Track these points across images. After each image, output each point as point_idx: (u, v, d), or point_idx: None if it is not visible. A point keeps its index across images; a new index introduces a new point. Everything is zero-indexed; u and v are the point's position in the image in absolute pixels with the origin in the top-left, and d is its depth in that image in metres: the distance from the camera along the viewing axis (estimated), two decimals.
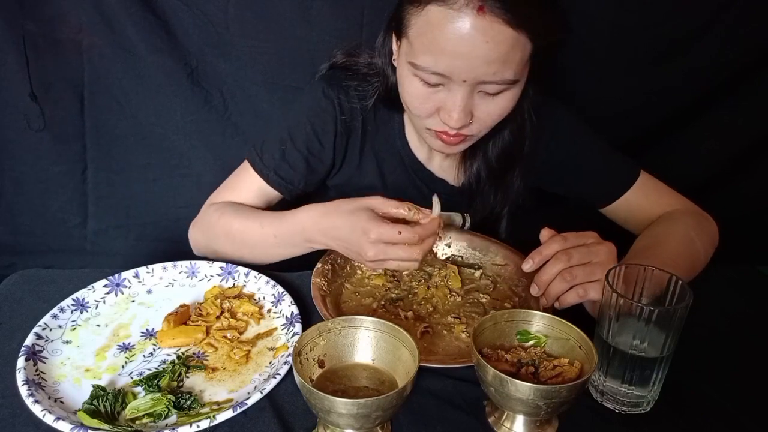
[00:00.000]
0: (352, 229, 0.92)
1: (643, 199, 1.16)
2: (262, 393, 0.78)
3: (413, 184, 1.19)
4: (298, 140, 1.13)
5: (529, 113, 1.10)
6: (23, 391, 0.76)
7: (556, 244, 0.92)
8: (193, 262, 1.04)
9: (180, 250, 1.21)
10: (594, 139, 1.18)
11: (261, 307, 0.97)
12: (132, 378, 0.83)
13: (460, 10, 0.85)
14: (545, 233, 0.95)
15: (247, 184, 1.15)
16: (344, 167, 1.18)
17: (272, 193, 1.15)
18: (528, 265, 0.94)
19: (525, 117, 1.10)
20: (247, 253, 1.07)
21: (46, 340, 0.87)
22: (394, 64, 1.02)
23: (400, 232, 0.89)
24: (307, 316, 0.94)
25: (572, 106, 1.19)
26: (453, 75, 0.90)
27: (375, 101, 1.12)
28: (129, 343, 0.90)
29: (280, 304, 0.97)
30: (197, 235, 1.17)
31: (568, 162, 1.18)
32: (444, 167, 1.19)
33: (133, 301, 0.98)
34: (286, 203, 1.18)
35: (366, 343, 0.79)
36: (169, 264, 1.03)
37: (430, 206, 1.01)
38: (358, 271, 1.07)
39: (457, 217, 1.21)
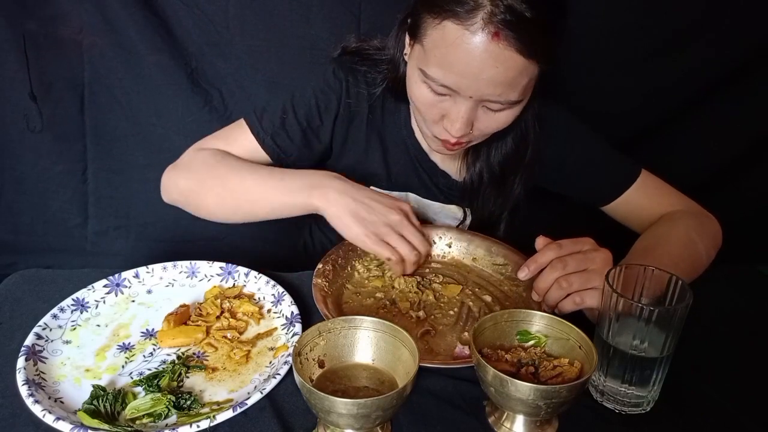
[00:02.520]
0: (378, 199, 0.99)
1: (644, 197, 1.16)
2: (262, 393, 0.78)
3: (417, 174, 1.20)
4: (300, 112, 1.13)
5: (533, 123, 1.11)
6: (23, 391, 0.76)
7: (552, 251, 0.93)
8: (193, 262, 1.04)
9: (180, 250, 1.21)
10: (594, 138, 1.18)
11: (261, 307, 0.97)
12: (132, 378, 0.83)
13: (476, 33, 0.86)
14: (540, 241, 0.96)
15: (241, 140, 1.13)
16: (347, 153, 1.18)
17: (263, 158, 1.13)
18: (524, 273, 0.97)
19: (529, 127, 1.12)
20: (244, 204, 1.06)
21: (46, 340, 0.87)
22: (406, 59, 1.03)
23: (421, 231, 0.98)
24: (307, 316, 0.94)
25: (571, 105, 1.19)
26: (460, 90, 0.92)
27: (383, 90, 1.13)
28: (129, 343, 0.90)
29: (280, 304, 0.97)
30: (177, 177, 1.12)
31: (569, 162, 1.18)
32: (446, 161, 1.19)
33: (133, 301, 0.98)
34: None
35: (366, 343, 0.79)
36: (169, 264, 1.03)
37: (431, 199, 1.15)
38: (359, 272, 1.07)
39: (458, 211, 1.22)
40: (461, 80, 0.91)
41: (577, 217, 1.24)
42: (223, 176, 1.07)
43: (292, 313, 0.94)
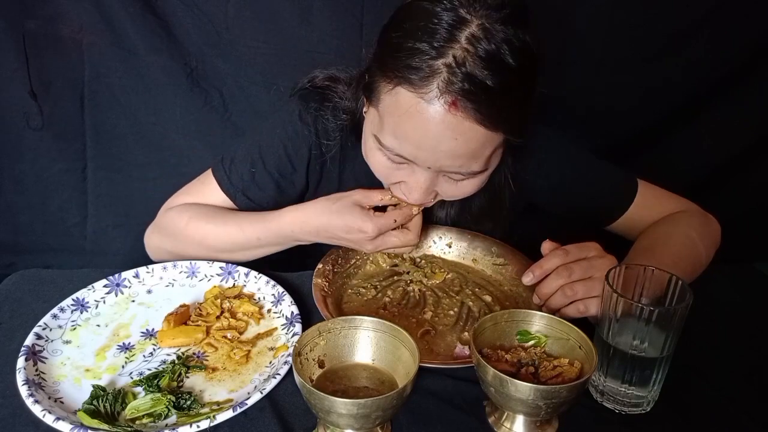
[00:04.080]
0: (348, 230, 0.94)
1: (645, 210, 1.13)
2: (262, 393, 0.78)
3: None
4: (270, 162, 1.08)
5: (507, 182, 1.05)
6: (23, 391, 0.76)
7: (557, 258, 0.91)
8: (193, 262, 1.04)
9: None
10: (587, 158, 1.14)
11: (261, 307, 0.97)
12: (132, 378, 0.83)
13: (431, 102, 0.80)
14: (547, 246, 0.94)
15: (213, 196, 1.10)
16: (321, 190, 1.13)
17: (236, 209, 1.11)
18: (528, 279, 0.94)
19: (503, 186, 1.06)
20: (225, 256, 1.05)
21: (46, 340, 0.87)
22: (365, 115, 0.97)
23: (395, 220, 0.92)
24: (307, 316, 0.94)
25: (571, 105, 1.19)
26: (417, 161, 0.88)
27: (345, 136, 1.07)
28: (129, 343, 0.90)
29: (280, 304, 0.96)
30: (158, 241, 1.11)
31: (564, 185, 1.14)
32: None
33: (133, 301, 0.98)
34: None
35: (366, 343, 0.79)
36: (169, 264, 1.03)
37: None
38: (359, 272, 1.07)
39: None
40: (417, 152, 0.85)
41: (577, 224, 1.22)
42: (197, 238, 1.04)
43: (292, 313, 0.94)
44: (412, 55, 0.80)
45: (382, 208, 0.99)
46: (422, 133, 0.83)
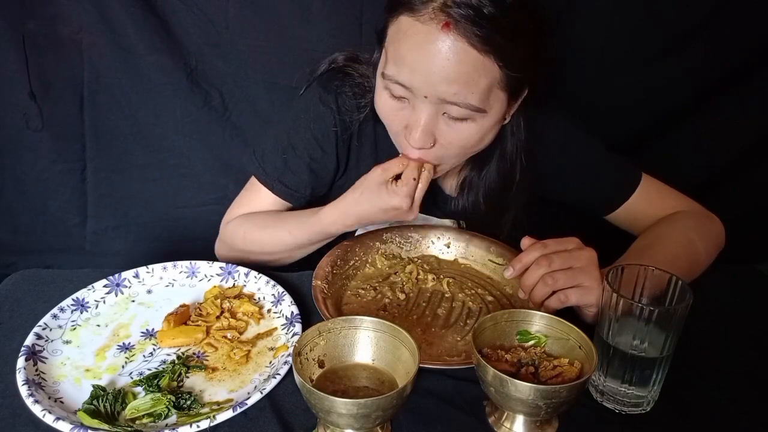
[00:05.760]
0: (384, 211, 0.97)
1: (647, 203, 1.15)
2: (262, 393, 0.78)
3: None
4: (299, 147, 1.12)
5: (519, 156, 1.08)
6: (23, 391, 0.76)
7: (537, 251, 0.92)
8: (193, 262, 1.04)
9: (179, 250, 1.21)
10: (593, 147, 1.16)
11: (261, 307, 0.97)
12: (132, 378, 0.83)
13: (426, 24, 0.85)
14: (526, 241, 0.95)
15: (258, 200, 1.16)
16: (351, 170, 1.17)
17: (283, 204, 1.16)
18: (509, 272, 0.95)
19: (515, 161, 1.08)
20: (286, 257, 1.12)
21: (46, 340, 0.87)
22: None
23: (414, 178, 0.95)
24: (307, 316, 0.94)
25: (572, 105, 1.19)
26: (413, 88, 0.89)
27: (370, 112, 1.09)
28: (129, 343, 0.90)
29: (280, 304, 0.96)
30: (226, 254, 1.18)
31: (568, 174, 1.16)
32: (441, 177, 1.16)
33: (133, 301, 0.98)
34: None
35: (366, 343, 0.79)
36: (169, 264, 1.03)
37: (426, 212, 1.15)
38: (358, 273, 1.07)
39: (453, 225, 1.21)
40: (413, 76, 0.88)
41: (576, 221, 1.23)
42: (257, 248, 1.12)
43: (292, 313, 0.94)
44: None
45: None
46: (416, 54, 0.87)
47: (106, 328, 0.92)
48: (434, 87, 0.88)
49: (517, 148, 1.06)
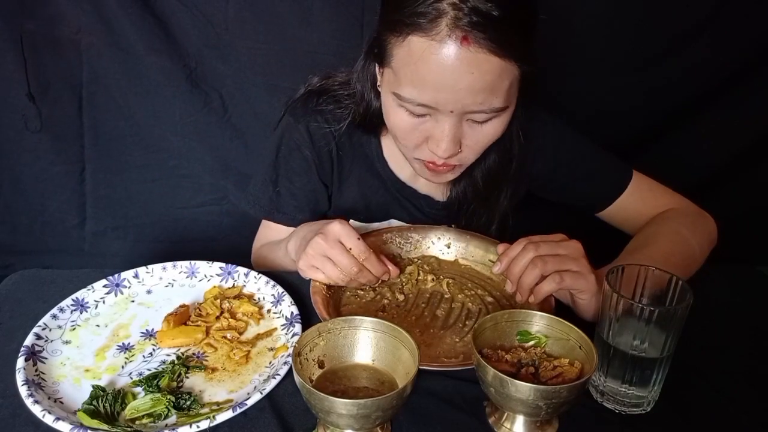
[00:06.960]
0: (315, 230, 0.96)
1: (639, 200, 1.15)
2: (261, 393, 0.78)
3: (398, 202, 1.19)
4: (284, 177, 1.15)
5: (517, 134, 1.08)
6: (23, 391, 0.76)
7: (523, 242, 0.92)
8: (192, 262, 1.04)
9: (178, 251, 1.21)
10: (585, 144, 1.17)
11: (261, 308, 0.97)
12: (132, 378, 0.83)
13: (443, 42, 0.83)
14: (501, 248, 0.95)
15: (269, 229, 1.21)
16: (341, 183, 1.18)
17: (292, 229, 1.15)
18: (497, 267, 0.95)
19: (513, 139, 1.08)
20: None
21: (45, 341, 0.87)
22: (379, 89, 0.99)
23: (350, 249, 0.93)
24: (307, 317, 0.94)
25: (572, 105, 1.19)
26: (439, 106, 0.88)
27: (350, 125, 1.10)
28: (129, 344, 0.89)
29: (280, 305, 0.96)
30: (262, 266, 1.21)
31: (560, 171, 1.17)
32: (430, 184, 1.17)
33: (133, 301, 0.98)
34: None
35: (366, 343, 0.79)
36: (168, 264, 1.03)
37: (419, 222, 1.14)
38: None
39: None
40: (438, 95, 0.87)
41: (571, 221, 1.23)
42: (280, 266, 1.13)
43: (292, 313, 0.93)
44: (416, 2, 0.84)
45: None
46: (439, 74, 0.85)
47: (106, 329, 0.92)
48: (461, 101, 0.87)
49: (517, 129, 1.07)
